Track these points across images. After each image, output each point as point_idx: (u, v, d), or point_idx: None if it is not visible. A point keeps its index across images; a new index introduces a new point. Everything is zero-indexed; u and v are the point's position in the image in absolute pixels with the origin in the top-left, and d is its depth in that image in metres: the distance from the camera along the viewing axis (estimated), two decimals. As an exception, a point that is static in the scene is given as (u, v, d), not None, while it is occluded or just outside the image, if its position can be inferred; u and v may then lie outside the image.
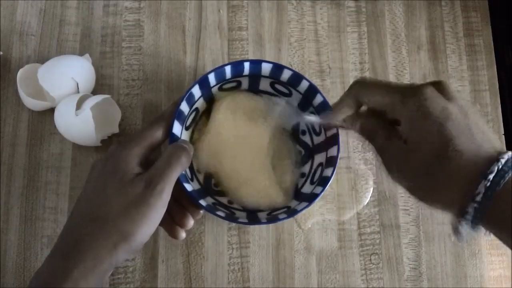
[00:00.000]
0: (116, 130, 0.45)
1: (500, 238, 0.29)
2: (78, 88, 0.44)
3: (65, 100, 0.43)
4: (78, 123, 0.42)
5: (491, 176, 0.27)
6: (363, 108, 0.35)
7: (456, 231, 0.29)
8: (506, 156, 0.28)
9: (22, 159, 0.45)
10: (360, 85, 0.34)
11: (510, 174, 0.27)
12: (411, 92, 0.31)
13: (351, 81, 0.50)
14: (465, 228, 0.29)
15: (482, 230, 0.29)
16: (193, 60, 0.49)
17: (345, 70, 0.50)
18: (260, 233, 0.45)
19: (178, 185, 0.36)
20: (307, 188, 0.42)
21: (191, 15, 0.50)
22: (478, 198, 0.27)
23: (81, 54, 0.47)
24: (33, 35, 0.48)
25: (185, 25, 0.50)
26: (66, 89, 0.43)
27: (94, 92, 0.46)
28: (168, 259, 0.44)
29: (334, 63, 0.50)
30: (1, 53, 0.47)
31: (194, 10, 0.50)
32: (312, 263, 0.45)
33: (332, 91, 0.49)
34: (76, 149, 0.45)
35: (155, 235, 0.44)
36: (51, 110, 0.44)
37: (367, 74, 0.50)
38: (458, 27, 0.53)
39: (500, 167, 0.27)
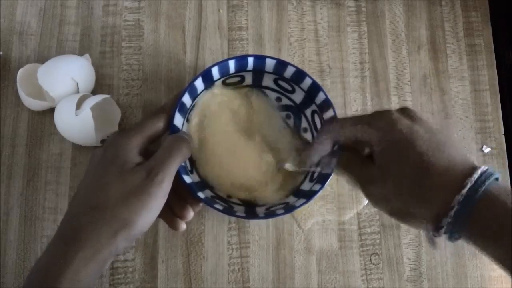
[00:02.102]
0: (116, 130, 0.45)
1: (480, 248, 0.29)
2: (78, 88, 0.44)
3: (65, 100, 0.43)
4: (78, 123, 0.41)
5: (464, 190, 0.28)
6: (335, 148, 0.37)
7: (430, 241, 0.30)
8: (480, 170, 0.28)
9: (21, 159, 0.45)
10: (331, 124, 0.36)
11: (483, 188, 0.27)
12: (378, 116, 0.33)
13: (351, 80, 0.50)
14: (439, 239, 0.29)
15: (459, 241, 0.29)
16: (193, 60, 0.49)
17: (345, 70, 0.50)
18: (260, 233, 0.45)
19: (178, 177, 0.36)
20: (306, 186, 0.42)
21: (191, 15, 0.50)
22: (453, 212, 0.28)
23: (80, 54, 0.47)
24: (33, 35, 0.48)
25: (185, 25, 0.50)
26: (66, 89, 0.43)
27: (94, 92, 0.46)
28: (168, 259, 0.44)
29: (334, 63, 0.50)
30: (1, 53, 0.47)
31: (194, 10, 0.50)
32: (312, 263, 0.45)
33: (332, 91, 0.49)
34: (76, 149, 0.45)
35: (154, 235, 0.44)
36: (51, 110, 0.44)
37: (367, 74, 0.50)
38: (458, 27, 0.53)
39: (474, 181, 0.28)
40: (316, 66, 0.50)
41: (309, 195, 0.39)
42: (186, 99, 0.39)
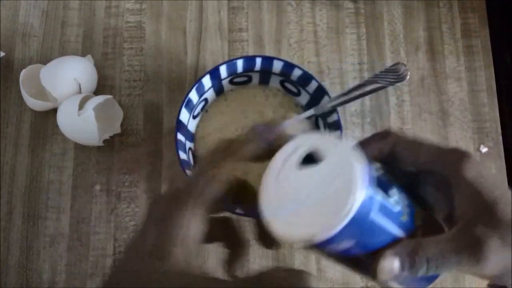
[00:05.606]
0: (118, 130, 0.46)
1: None
2: (80, 88, 0.45)
3: (67, 100, 0.43)
4: (80, 123, 0.42)
5: None
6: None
7: None
8: None
9: (24, 159, 0.45)
10: (396, 136, 0.25)
11: None
12: (453, 153, 0.24)
13: (350, 81, 0.50)
14: None
15: None
16: (194, 61, 0.49)
17: (344, 70, 0.51)
18: (260, 232, 0.46)
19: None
20: None
21: (191, 17, 0.50)
22: None
23: (83, 55, 0.48)
24: (36, 36, 0.48)
25: (186, 27, 0.50)
26: (69, 89, 0.44)
27: (96, 92, 0.47)
28: (169, 257, 0.44)
29: (333, 64, 0.51)
30: (4, 54, 0.47)
31: (194, 12, 0.51)
32: (312, 261, 0.46)
33: (331, 91, 0.49)
34: (79, 149, 0.46)
35: (156, 234, 0.45)
36: (54, 111, 0.45)
37: (365, 75, 0.51)
38: (456, 28, 0.53)
39: None
40: (315, 67, 0.50)
41: None
42: (193, 95, 0.40)
